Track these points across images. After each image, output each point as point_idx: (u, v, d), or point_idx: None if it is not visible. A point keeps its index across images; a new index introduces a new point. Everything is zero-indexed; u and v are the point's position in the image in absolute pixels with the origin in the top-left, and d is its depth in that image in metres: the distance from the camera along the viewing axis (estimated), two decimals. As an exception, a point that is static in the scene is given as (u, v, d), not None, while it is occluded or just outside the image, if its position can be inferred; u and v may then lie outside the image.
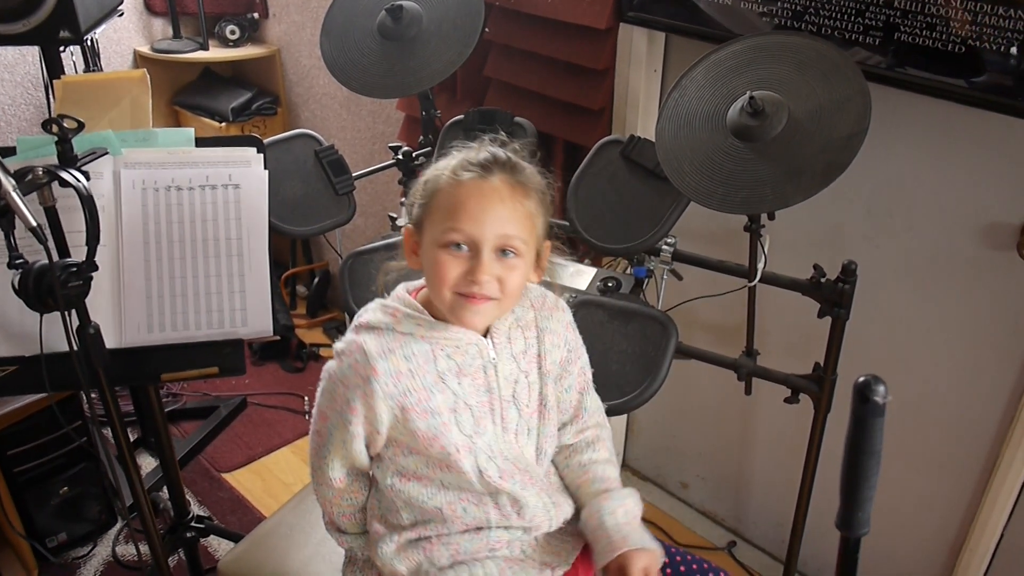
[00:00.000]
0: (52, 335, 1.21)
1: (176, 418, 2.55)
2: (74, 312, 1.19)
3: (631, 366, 1.36)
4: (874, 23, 1.36)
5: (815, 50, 1.26)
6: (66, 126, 1.19)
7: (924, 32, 1.32)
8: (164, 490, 2.04)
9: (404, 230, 1.10)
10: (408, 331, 1.06)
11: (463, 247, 1.01)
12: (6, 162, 1.12)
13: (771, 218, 1.32)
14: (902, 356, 1.67)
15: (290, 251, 3.14)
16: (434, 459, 1.07)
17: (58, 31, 1.73)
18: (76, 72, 2.22)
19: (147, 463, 2.36)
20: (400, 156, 1.76)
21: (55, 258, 1.14)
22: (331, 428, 1.09)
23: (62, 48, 1.88)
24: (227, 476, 2.34)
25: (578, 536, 1.18)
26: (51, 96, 2.02)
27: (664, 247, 1.52)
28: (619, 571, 1.08)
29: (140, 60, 2.84)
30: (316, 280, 3.09)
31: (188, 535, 1.78)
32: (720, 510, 2.20)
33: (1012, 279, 1.46)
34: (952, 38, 1.29)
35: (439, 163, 1.07)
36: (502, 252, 1.02)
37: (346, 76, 1.66)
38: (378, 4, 1.65)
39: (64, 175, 1.13)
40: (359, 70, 1.65)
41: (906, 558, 1.82)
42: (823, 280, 1.38)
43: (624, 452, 2.36)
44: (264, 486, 2.31)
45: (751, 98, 1.22)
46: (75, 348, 1.19)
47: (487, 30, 1.65)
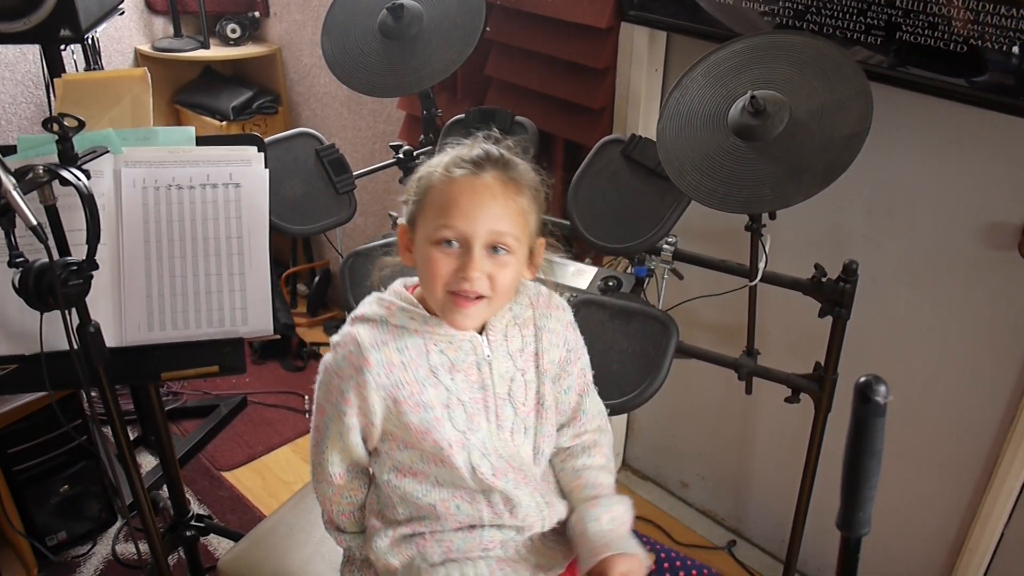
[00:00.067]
0: (52, 334, 1.21)
1: (176, 417, 2.55)
2: (74, 311, 1.19)
3: (632, 365, 1.36)
4: (876, 22, 1.36)
5: (816, 49, 1.26)
6: (67, 125, 1.19)
7: (926, 31, 1.32)
8: (164, 489, 2.04)
9: (398, 227, 1.10)
10: (401, 324, 1.06)
11: (454, 244, 1.01)
12: (7, 160, 1.12)
13: (772, 217, 1.32)
14: (903, 356, 1.67)
15: (291, 250, 3.14)
16: (428, 454, 1.07)
17: (59, 29, 1.73)
18: (77, 71, 2.21)
19: (147, 462, 2.36)
20: (401, 155, 1.76)
21: (55, 257, 1.14)
22: (327, 421, 1.10)
23: (63, 46, 1.88)
24: (227, 475, 2.34)
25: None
26: (52, 95, 2.02)
27: (665, 246, 1.52)
28: None
29: (141, 59, 2.84)
30: (317, 279, 3.09)
31: (188, 534, 1.78)
32: (720, 509, 2.20)
33: (1013, 279, 1.46)
34: (954, 37, 1.29)
35: (432, 160, 1.07)
36: (493, 249, 1.01)
37: (347, 75, 1.66)
38: (379, 3, 1.65)
39: (65, 174, 1.13)
40: (360, 69, 1.65)
41: (906, 558, 1.82)
42: (824, 280, 1.38)
43: (624, 451, 2.36)
44: (264, 485, 2.31)
45: (752, 97, 1.22)
46: (75, 347, 1.19)
47: (488, 29, 1.65)
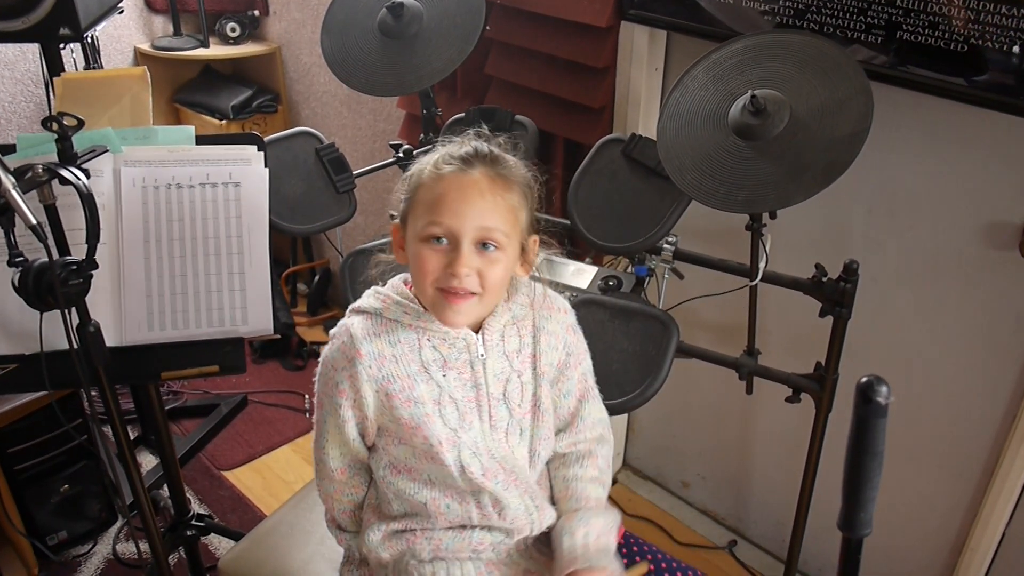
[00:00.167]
0: (52, 333, 1.21)
1: (176, 416, 2.55)
2: (74, 310, 1.19)
3: (632, 365, 1.36)
4: (876, 21, 1.36)
5: (817, 49, 1.25)
6: (66, 124, 1.18)
7: (926, 31, 1.31)
8: (164, 488, 2.05)
9: (392, 225, 1.10)
10: (395, 318, 1.07)
11: (443, 240, 1.01)
12: (6, 160, 1.12)
13: (772, 217, 1.32)
14: (903, 355, 1.66)
15: (291, 249, 3.14)
16: (420, 450, 1.07)
17: (58, 28, 1.72)
18: (76, 69, 2.21)
19: (147, 461, 2.36)
20: (401, 154, 1.76)
21: (55, 256, 1.14)
22: (326, 415, 1.11)
23: (62, 45, 1.87)
24: (227, 474, 2.34)
25: None
26: (51, 93, 2.02)
27: (665, 246, 1.52)
28: None
29: (140, 57, 2.84)
30: (317, 278, 3.09)
31: (188, 533, 1.78)
32: (721, 509, 2.20)
33: (1014, 278, 1.46)
34: (954, 37, 1.29)
35: (423, 158, 1.07)
36: (483, 245, 1.01)
37: (347, 74, 1.66)
38: (379, 2, 1.64)
39: (64, 173, 1.13)
40: (360, 68, 1.65)
41: (907, 557, 1.82)
42: (824, 279, 1.38)
43: (625, 451, 2.36)
44: (264, 484, 2.31)
45: (753, 97, 1.22)
46: (75, 346, 1.19)
47: (488, 28, 1.65)
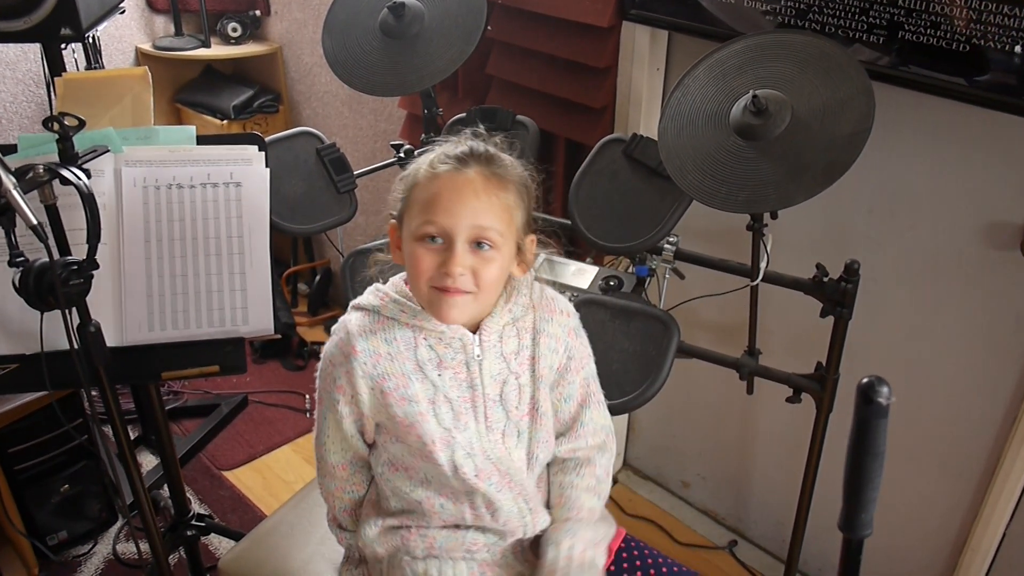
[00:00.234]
0: (53, 333, 1.21)
1: (177, 416, 2.55)
2: (75, 310, 1.19)
3: (632, 365, 1.36)
4: (878, 21, 1.36)
5: (818, 48, 1.25)
6: (67, 124, 1.18)
7: (928, 31, 1.31)
8: (165, 488, 2.04)
9: (389, 225, 1.10)
10: (392, 316, 1.07)
11: (438, 240, 1.01)
12: (7, 160, 1.12)
13: (774, 217, 1.32)
14: (904, 355, 1.66)
15: (291, 249, 3.14)
16: (414, 449, 1.08)
17: (59, 28, 1.72)
18: (78, 69, 2.21)
19: (148, 461, 2.36)
20: (402, 154, 1.76)
21: (56, 256, 1.14)
22: (325, 411, 1.12)
23: (64, 45, 1.87)
24: (228, 474, 2.34)
25: None
26: (52, 93, 2.02)
27: (666, 246, 1.52)
28: None
29: (142, 57, 2.84)
30: (318, 278, 3.09)
31: (189, 533, 1.78)
32: (721, 509, 2.20)
33: (1015, 279, 1.46)
34: (956, 37, 1.29)
35: (420, 158, 1.07)
36: (477, 244, 1.01)
37: (348, 74, 1.65)
38: (380, 2, 1.64)
39: (65, 173, 1.13)
40: (361, 68, 1.65)
41: (908, 557, 1.82)
42: (825, 279, 1.38)
43: (625, 451, 2.36)
44: (265, 484, 2.31)
45: (754, 97, 1.22)
46: (76, 346, 1.19)
47: (489, 28, 1.65)
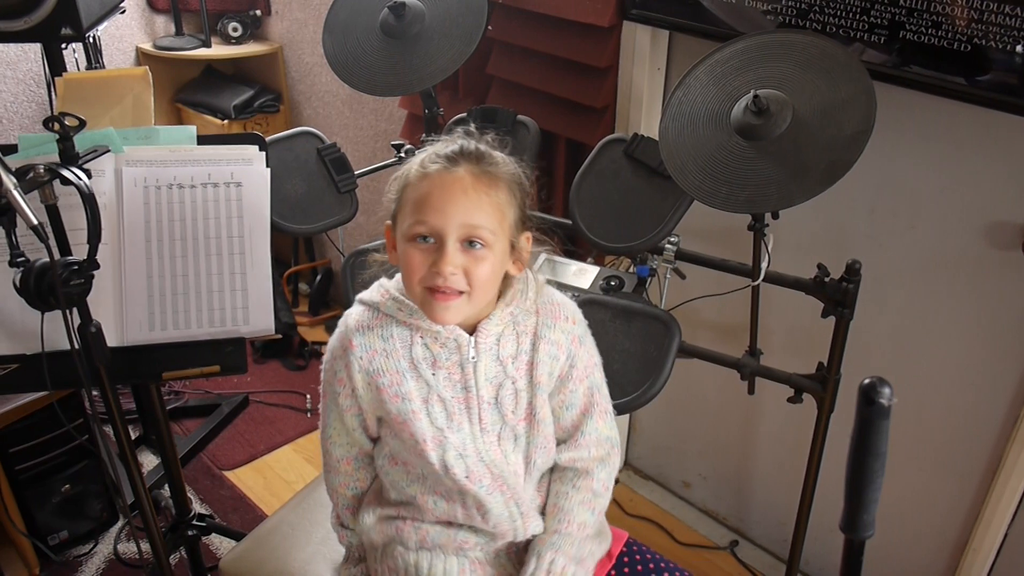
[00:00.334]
0: (53, 333, 1.21)
1: (178, 416, 2.55)
2: (75, 310, 1.19)
3: (633, 365, 1.36)
4: (879, 21, 1.36)
5: (819, 48, 1.25)
6: (68, 124, 1.18)
7: (929, 30, 1.31)
8: (166, 488, 2.04)
9: (384, 226, 1.10)
10: (390, 313, 1.07)
11: (429, 239, 1.01)
12: (8, 160, 1.12)
13: (775, 217, 1.32)
14: (906, 355, 1.66)
15: (292, 249, 3.14)
16: (408, 445, 1.08)
17: (60, 28, 1.72)
18: (78, 69, 2.21)
19: (149, 461, 2.36)
20: (403, 154, 1.76)
21: (56, 256, 1.14)
22: (329, 404, 1.13)
23: (64, 45, 1.87)
24: (229, 474, 2.34)
25: None
26: (53, 93, 2.02)
27: (667, 246, 1.52)
28: None
29: (142, 57, 2.84)
30: (318, 278, 3.09)
31: (190, 533, 1.78)
32: (722, 509, 2.20)
33: (1016, 278, 1.46)
34: (957, 36, 1.29)
35: (412, 158, 1.07)
36: (469, 243, 1.01)
37: (348, 74, 1.65)
38: (381, 1, 1.64)
39: (65, 173, 1.13)
40: (361, 68, 1.65)
41: (909, 558, 1.82)
42: (827, 279, 1.38)
43: (626, 451, 2.36)
44: (266, 484, 2.31)
45: (755, 96, 1.22)
46: (76, 346, 1.19)
47: (490, 28, 1.65)
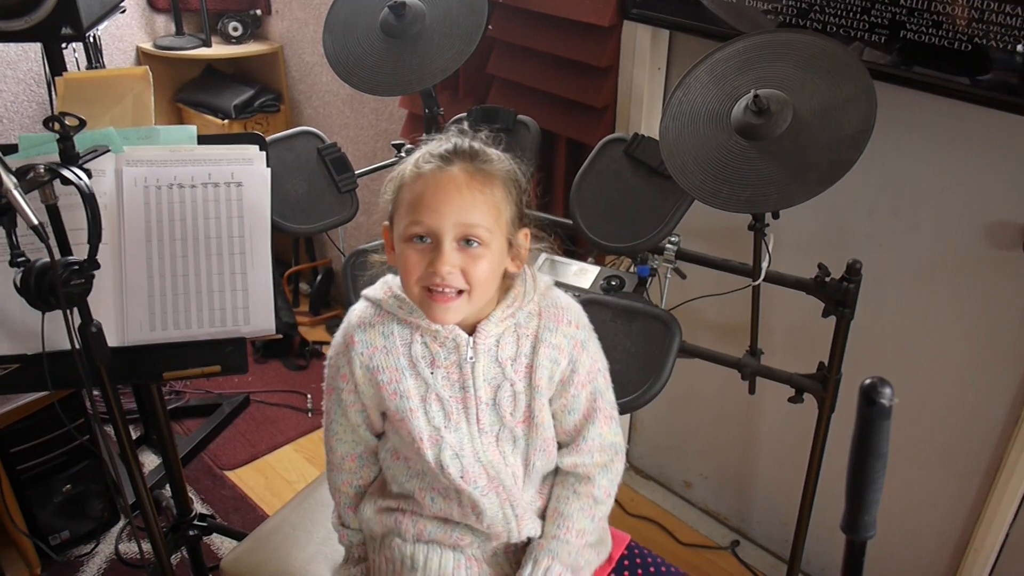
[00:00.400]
0: (54, 333, 1.21)
1: (179, 416, 2.55)
2: (76, 310, 1.19)
3: (634, 365, 1.36)
4: (880, 21, 1.36)
5: (820, 48, 1.25)
6: (68, 123, 1.18)
7: (930, 30, 1.31)
8: (167, 488, 2.04)
9: (382, 227, 1.10)
10: (391, 310, 1.08)
11: (426, 239, 1.00)
12: (8, 159, 1.12)
13: (775, 217, 1.32)
14: (907, 355, 1.66)
15: (293, 248, 3.14)
16: (406, 442, 1.09)
17: (60, 28, 1.72)
18: (78, 69, 2.21)
19: (150, 461, 2.36)
20: (403, 154, 1.76)
21: (57, 256, 1.14)
22: (333, 401, 1.14)
23: (64, 45, 1.87)
24: (230, 474, 2.34)
25: None
26: (53, 93, 2.02)
27: (668, 246, 1.52)
28: None
29: (142, 57, 2.84)
30: (319, 278, 3.09)
31: (191, 533, 1.78)
32: (723, 509, 2.20)
33: (1017, 278, 1.46)
34: (958, 36, 1.28)
35: (407, 158, 1.06)
36: (466, 242, 1.00)
37: (349, 73, 1.65)
38: (381, 1, 1.64)
39: (66, 173, 1.13)
40: (362, 67, 1.65)
41: (910, 558, 1.82)
42: (827, 279, 1.38)
43: (627, 451, 2.35)
44: (267, 484, 2.31)
45: (755, 96, 1.22)
46: (77, 346, 1.19)
47: (490, 27, 1.64)
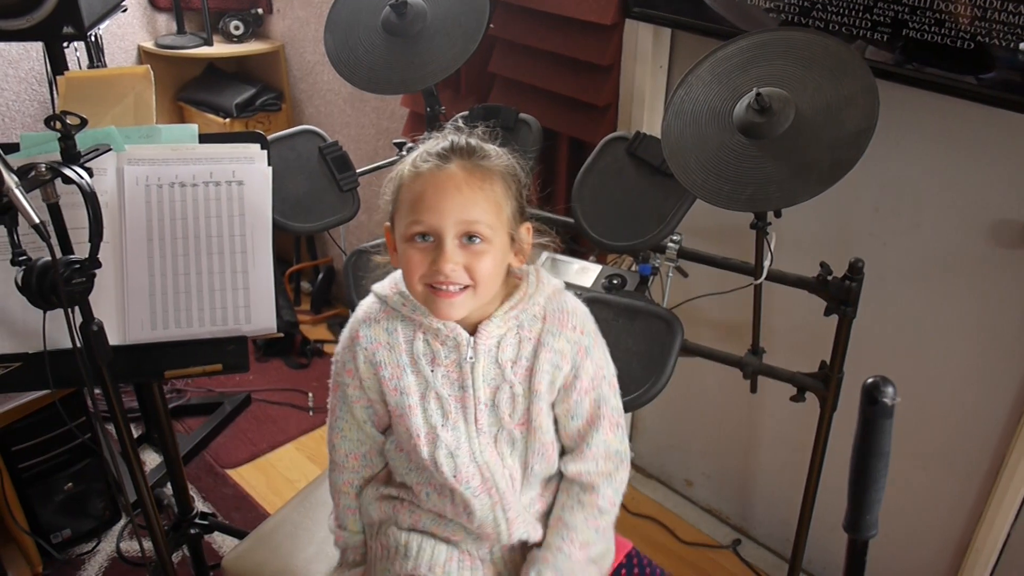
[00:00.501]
0: (55, 332, 1.21)
1: (180, 414, 2.55)
2: (77, 309, 1.19)
3: (636, 364, 1.36)
4: (882, 19, 1.35)
5: (822, 46, 1.25)
6: (69, 122, 1.18)
7: (932, 28, 1.31)
8: (168, 486, 2.05)
9: (384, 228, 1.10)
10: (395, 307, 1.09)
11: (428, 238, 1.00)
12: (9, 158, 1.12)
13: (777, 215, 1.32)
14: (909, 354, 1.66)
15: (294, 247, 3.14)
16: (404, 438, 1.10)
17: (62, 27, 1.73)
18: (80, 68, 2.21)
19: (151, 459, 2.36)
20: (404, 152, 1.75)
21: (58, 255, 1.14)
22: (339, 398, 1.14)
23: (66, 44, 1.87)
24: (231, 472, 2.34)
25: None
26: (55, 92, 2.02)
27: (670, 244, 1.52)
28: None
29: (144, 56, 2.84)
30: (320, 276, 3.09)
31: (192, 532, 1.78)
32: (725, 508, 2.20)
33: (1020, 277, 1.45)
34: (961, 34, 1.28)
35: (405, 158, 1.06)
36: (468, 239, 1.00)
37: (350, 72, 1.65)
38: (382, 0, 1.64)
39: (67, 172, 1.13)
40: (363, 66, 1.64)
41: (911, 557, 1.82)
42: (830, 278, 1.37)
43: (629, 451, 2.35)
44: (268, 483, 2.31)
45: (757, 95, 1.21)
46: (78, 345, 1.19)
47: (491, 26, 1.64)
